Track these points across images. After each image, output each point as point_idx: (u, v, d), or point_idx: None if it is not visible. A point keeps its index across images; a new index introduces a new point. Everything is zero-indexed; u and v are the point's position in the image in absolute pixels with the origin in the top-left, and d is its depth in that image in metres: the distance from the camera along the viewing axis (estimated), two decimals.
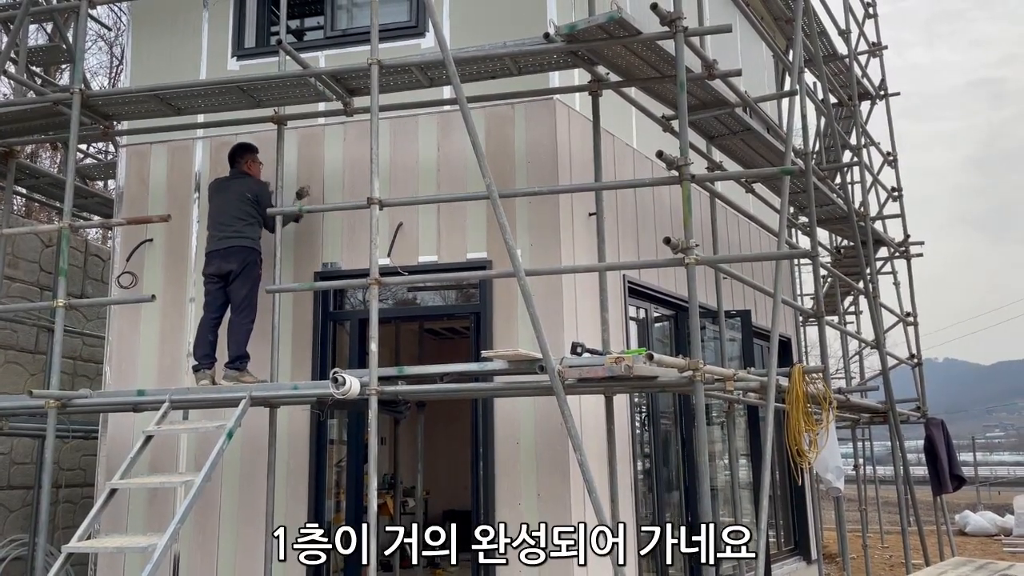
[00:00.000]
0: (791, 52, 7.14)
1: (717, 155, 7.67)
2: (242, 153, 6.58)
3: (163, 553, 4.44)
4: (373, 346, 5.18)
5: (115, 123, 6.75)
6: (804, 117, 7.35)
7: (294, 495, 6.49)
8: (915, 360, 10.62)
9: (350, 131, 6.99)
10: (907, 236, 10.89)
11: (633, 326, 7.86)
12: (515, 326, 6.44)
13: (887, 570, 12.81)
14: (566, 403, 4.80)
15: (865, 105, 12.30)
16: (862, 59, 11.78)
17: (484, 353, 5.15)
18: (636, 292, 7.59)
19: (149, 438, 5.22)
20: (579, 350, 5.28)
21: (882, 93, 11.58)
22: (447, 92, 6.71)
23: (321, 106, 6.81)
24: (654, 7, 5.05)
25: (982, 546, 14.27)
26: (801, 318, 12.29)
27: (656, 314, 8.30)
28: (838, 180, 10.13)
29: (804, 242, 11.79)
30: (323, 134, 7.09)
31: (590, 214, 6.84)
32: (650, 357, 4.51)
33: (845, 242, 11.66)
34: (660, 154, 5.09)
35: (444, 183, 6.74)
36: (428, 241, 6.74)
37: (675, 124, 7.10)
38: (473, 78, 6.02)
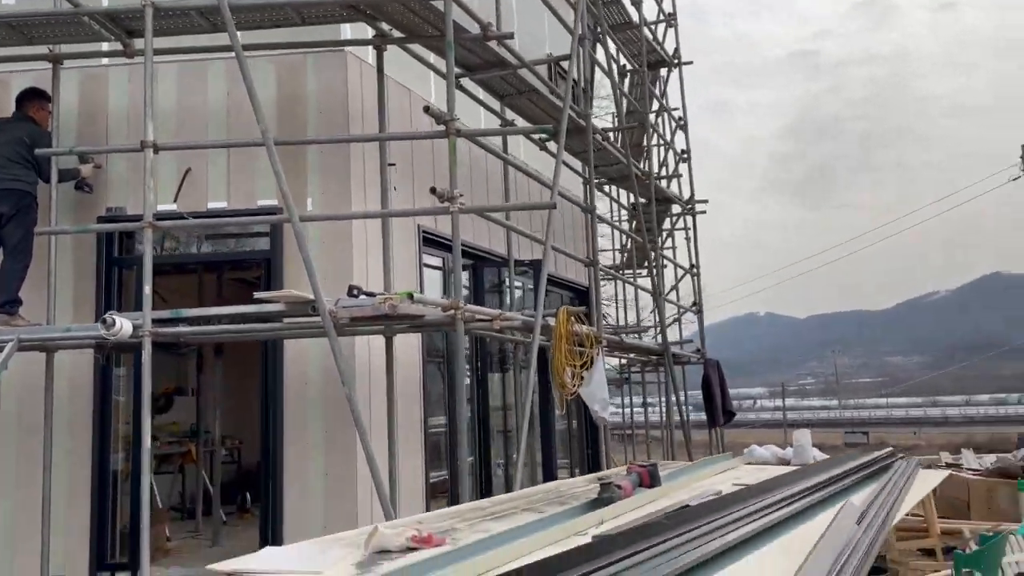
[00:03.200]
0: (576, 16, 7.62)
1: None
2: (31, 98, 6.36)
3: None
4: (147, 289, 5.25)
5: None
6: (588, 81, 7.87)
7: (77, 445, 6.46)
8: (696, 307, 11.63)
9: (135, 73, 6.86)
10: (692, 195, 11.85)
11: (437, 275, 8.28)
12: (315, 272, 6.66)
13: None
14: (336, 341, 5.09)
15: (671, 75, 13.17)
16: (661, 29, 12.56)
17: (256, 295, 5.34)
18: (434, 242, 7.97)
19: None
20: (355, 292, 5.56)
21: (676, 61, 12.43)
22: (241, 37, 6.75)
23: (104, 46, 6.66)
24: None
25: (763, 475, 15.88)
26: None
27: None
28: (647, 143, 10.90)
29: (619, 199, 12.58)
30: (107, 75, 6.93)
31: (390, 164, 7.16)
32: (411, 297, 4.87)
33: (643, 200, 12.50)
34: (427, 109, 5.40)
35: (235, 129, 6.77)
36: (218, 187, 6.79)
37: (465, 82, 7.51)
38: (257, 26, 6.11)
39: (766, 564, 2.04)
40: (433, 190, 5.26)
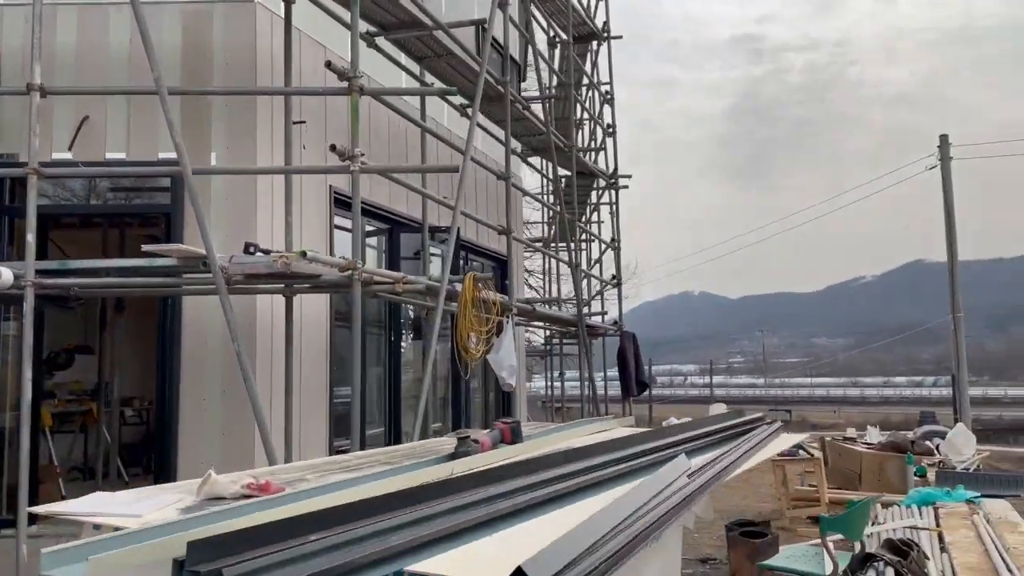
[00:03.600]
0: None
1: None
2: None
3: None
4: (30, 237, 5.09)
5: None
6: (505, 48, 7.83)
7: None
8: (615, 280, 11.77)
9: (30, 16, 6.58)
10: (615, 169, 11.95)
11: (349, 237, 8.20)
12: (206, 228, 6.51)
13: None
14: (227, 297, 5.01)
15: (600, 49, 13.18)
16: (592, 2, 12.55)
17: (145, 248, 5.20)
18: (347, 204, 7.88)
19: None
20: (251, 249, 5.48)
21: (605, 35, 12.44)
22: None
23: None
24: None
25: None
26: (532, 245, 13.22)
27: (371, 227, 8.68)
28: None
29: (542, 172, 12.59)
30: (1, 16, 6.63)
31: (295, 122, 7.03)
32: (304, 255, 4.81)
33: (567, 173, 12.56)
34: (328, 64, 5.31)
35: (137, 78, 6.54)
36: (117, 138, 6.58)
37: (383, 43, 7.41)
38: None
39: (590, 508, 2.09)
40: (333, 147, 5.19)
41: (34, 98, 5.21)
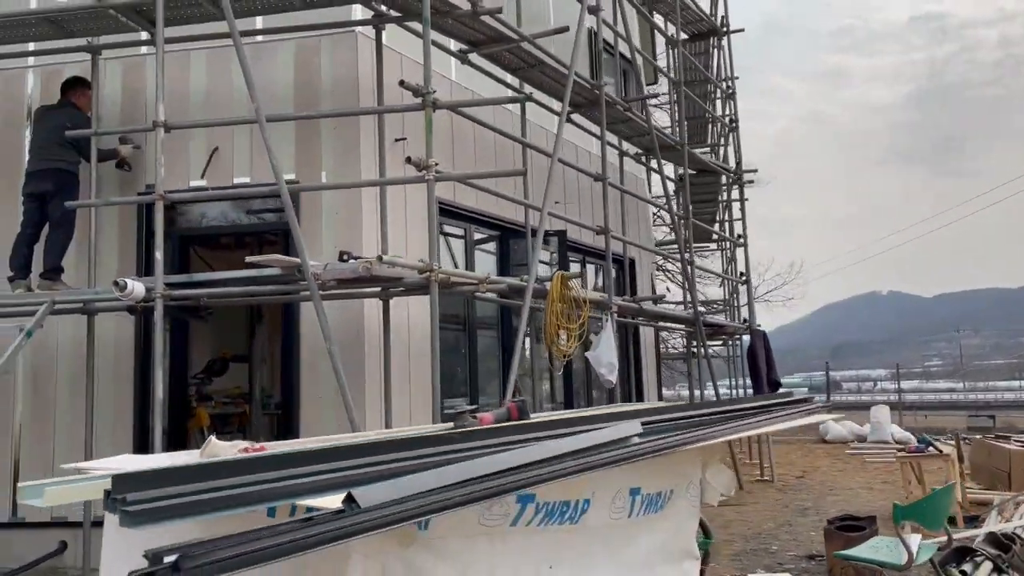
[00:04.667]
0: None
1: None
2: (73, 85, 7.08)
3: None
4: (158, 255, 5.82)
5: None
6: (599, 55, 8.01)
7: (120, 402, 7.17)
8: (744, 278, 11.55)
9: (171, 60, 7.47)
10: (739, 163, 11.73)
11: (460, 245, 8.68)
12: (320, 240, 7.15)
13: None
14: (320, 302, 5.51)
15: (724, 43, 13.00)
16: None
17: (248, 259, 5.81)
18: (454, 213, 8.35)
19: None
20: (344, 257, 5.98)
21: (724, 30, 12.26)
22: (259, 22, 7.29)
23: (144, 35, 7.29)
24: None
25: (836, 450, 15.57)
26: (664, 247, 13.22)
27: (480, 235, 9.10)
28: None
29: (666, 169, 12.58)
30: (146, 63, 7.58)
31: (396, 139, 7.56)
32: (379, 259, 5.24)
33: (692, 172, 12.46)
34: (402, 83, 5.73)
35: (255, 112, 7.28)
36: (242, 164, 7.34)
37: (472, 56, 7.80)
38: (266, 11, 6.60)
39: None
40: (408, 159, 5.59)
41: (159, 133, 5.97)
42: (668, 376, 23.34)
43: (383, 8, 6.64)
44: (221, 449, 2.62)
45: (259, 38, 7.34)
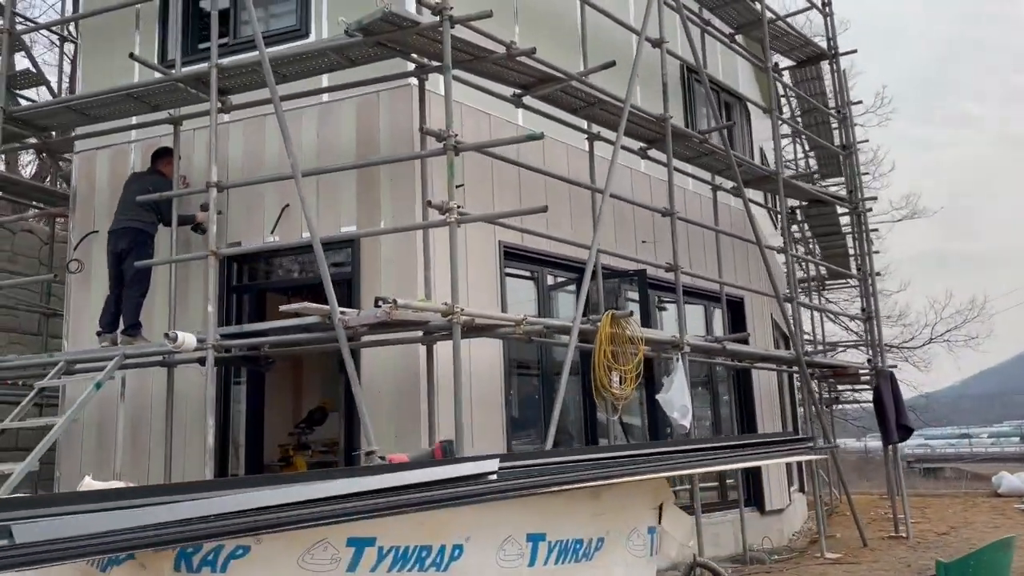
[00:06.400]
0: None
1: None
2: (161, 155, 7.71)
3: (20, 475, 5.55)
4: (210, 308, 6.15)
5: (52, 133, 8.01)
6: (665, 85, 7.78)
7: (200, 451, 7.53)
8: (866, 314, 10.67)
9: (248, 127, 7.99)
10: (851, 192, 10.92)
11: (529, 286, 8.58)
12: (379, 288, 7.28)
13: None
14: (346, 346, 5.58)
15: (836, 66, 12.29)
16: (802, 19, 11.81)
17: (281, 308, 5.98)
18: (521, 256, 8.27)
19: (41, 389, 6.39)
20: (379, 303, 6.03)
21: (832, 53, 11.55)
22: (325, 81, 7.65)
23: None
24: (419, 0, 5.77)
25: (1003, 505, 13.91)
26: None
27: (560, 278, 8.95)
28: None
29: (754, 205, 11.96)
30: (229, 132, 8.11)
31: (457, 185, 7.62)
32: (394, 302, 5.24)
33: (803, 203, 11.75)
34: (422, 128, 5.79)
35: (320, 165, 7.59)
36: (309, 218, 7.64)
37: (527, 99, 7.78)
38: (312, 73, 6.92)
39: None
40: (429, 203, 5.60)
41: (212, 193, 6.33)
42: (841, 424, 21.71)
43: (424, 60, 6.76)
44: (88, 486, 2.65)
45: (325, 97, 7.69)
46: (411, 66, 7.36)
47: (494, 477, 2.40)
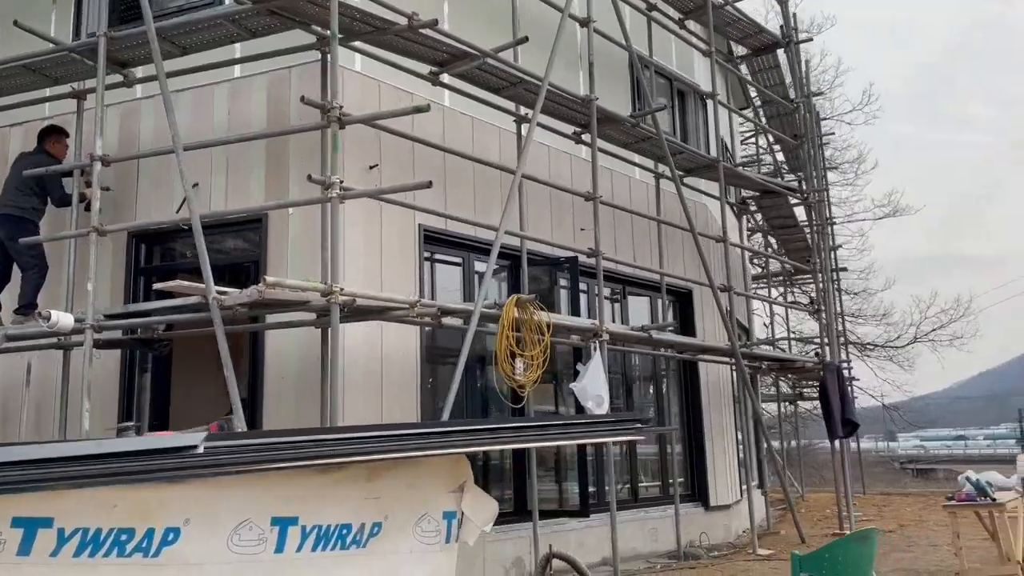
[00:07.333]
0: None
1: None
2: (47, 134, 7.39)
3: None
4: (89, 286, 5.87)
5: None
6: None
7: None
8: (815, 306, 10.40)
9: (159, 104, 7.69)
10: (800, 183, 10.65)
11: (455, 272, 8.31)
12: (285, 270, 7.01)
13: None
14: (221, 327, 5.30)
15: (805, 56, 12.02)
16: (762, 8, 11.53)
17: (155, 286, 5.72)
18: (447, 242, 8.00)
19: None
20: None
21: (787, 40, 11.25)
22: (237, 71, 7.42)
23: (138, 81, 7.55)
24: None
25: None
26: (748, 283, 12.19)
27: (494, 264, 8.65)
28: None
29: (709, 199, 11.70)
30: (140, 109, 7.84)
31: (370, 167, 7.38)
32: (266, 282, 4.98)
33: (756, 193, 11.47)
34: (303, 98, 5.52)
35: (234, 147, 7.32)
36: (218, 198, 7.38)
37: (454, 80, 7.53)
38: (211, 45, 6.65)
39: None
40: (310, 177, 5.34)
41: (96, 167, 6.05)
42: None
43: (323, 31, 6.49)
44: None
45: (236, 73, 7.45)
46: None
47: (200, 451, 2.13)
